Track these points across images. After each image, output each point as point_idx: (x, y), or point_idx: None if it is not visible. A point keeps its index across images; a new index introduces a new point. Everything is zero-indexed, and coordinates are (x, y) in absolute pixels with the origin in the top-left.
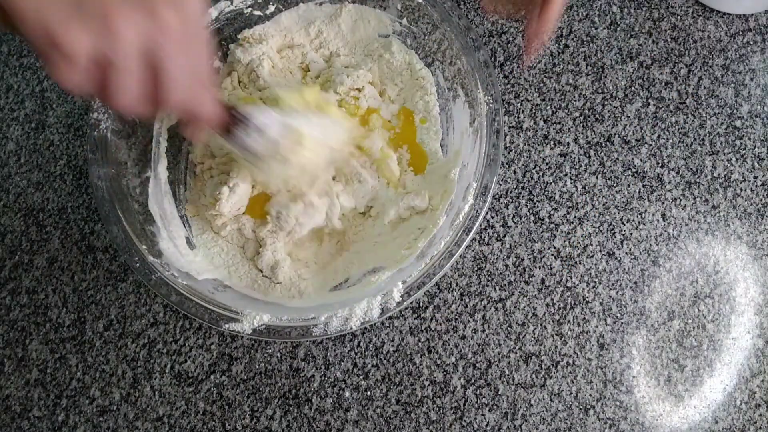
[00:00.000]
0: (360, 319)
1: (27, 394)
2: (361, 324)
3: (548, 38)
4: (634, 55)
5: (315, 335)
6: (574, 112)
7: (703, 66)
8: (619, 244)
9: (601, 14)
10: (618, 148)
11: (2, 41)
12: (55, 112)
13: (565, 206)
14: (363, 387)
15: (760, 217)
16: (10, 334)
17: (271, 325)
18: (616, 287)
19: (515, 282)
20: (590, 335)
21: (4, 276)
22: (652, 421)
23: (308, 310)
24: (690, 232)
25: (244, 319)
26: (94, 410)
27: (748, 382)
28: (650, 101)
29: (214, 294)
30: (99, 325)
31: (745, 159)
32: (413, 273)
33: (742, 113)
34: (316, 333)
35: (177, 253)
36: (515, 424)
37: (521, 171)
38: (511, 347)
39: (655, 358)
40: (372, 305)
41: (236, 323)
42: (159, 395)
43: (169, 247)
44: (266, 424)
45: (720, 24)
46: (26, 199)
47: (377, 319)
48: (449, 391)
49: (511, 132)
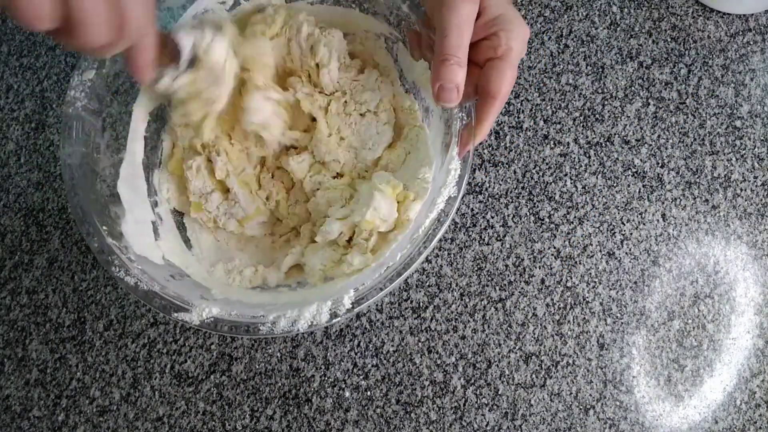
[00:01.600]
0: (308, 322)
1: (27, 394)
2: (308, 327)
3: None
4: (634, 55)
5: (262, 333)
6: (574, 112)
7: (703, 66)
8: (619, 244)
9: (601, 14)
10: (618, 148)
11: (2, 41)
12: (55, 112)
13: (565, 206)
14: (363, 387)
15: (760, 217)
16: (10, 334)
17: (219, 318)
18: (616, 287)
19: (515, 282)
20: (590, 335)
21: (4, 276)
22: (652, 421)
23: (258, 307)
24: (690, 232)
25: (193, 310)
26: (94, 410)
27: (748, 382)
28: (650, 101)
29: (169, 282)
30: (99, 325)
31: (745, 159)
32: (366, 282)
33: (742, 113)
34: (263, 331)
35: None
36: (515, 424)
37: (521, 171)
38: (511, 347)
39: (655, 358)
40: (321, 310)
41: (185, 313)
42: (159, 395)
43: (131, 229)
44: (266, 424)
45: (720, 24)
46: (26, 199)
47: (325, 324)
48: (449, 391)
49: (511, 132)
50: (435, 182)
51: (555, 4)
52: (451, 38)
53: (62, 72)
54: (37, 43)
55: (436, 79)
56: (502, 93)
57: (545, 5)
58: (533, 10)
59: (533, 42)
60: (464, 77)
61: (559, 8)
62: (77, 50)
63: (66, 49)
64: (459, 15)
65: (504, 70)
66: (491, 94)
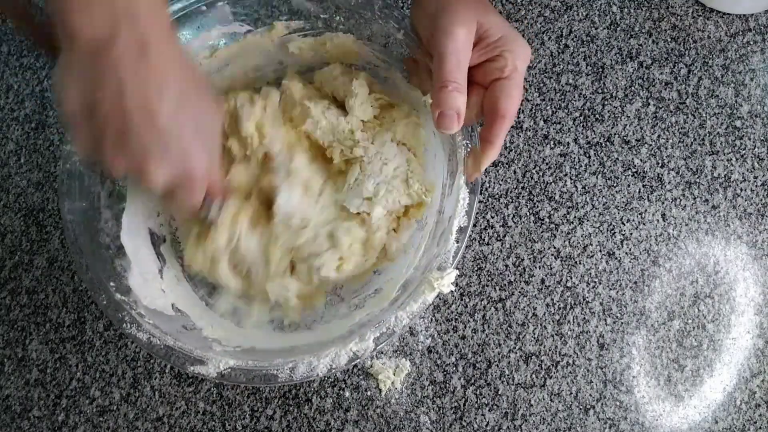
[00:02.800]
0: (327, 366)
1: (27, 394)
2: (327, 371)
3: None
4: (634, 55)
5: (281, 381)
6: (574, 112)
7: (703, 66)
8: (619, 244)
9: (601, 14)
10: (618, 148)
11: (2, 41)
12: (55, 112)
13: (565, 206)
14: (363, 387)
15: (760, 217)
16: (10, 334)
17: (236, 368)
18: (616, 287)
19: (515, 282)
20: (590, 335)
21: (4, 276)
22: (652, 421)
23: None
24: (690, 232)
25: (209, 362)
26: (94, 410)
27: (748, 382)
28: (650, 101)
29: (182, 334)
30: (99, 325)
31: (745, 159)
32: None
33: (742, 113)
34: (282, 379)
35: (147, 287)
36: (515, 424)
37: (521, 171)
38: (511, 347)
39: (655, 358)
40: (340, 353)
41: (202, 366)
42: (159, 395)
43: (138, 282)
44: (266, 424)
45: (720, 24)
46: (26, 199)
47: (344, 366)
48: (449, 391)
49: (511, 132)
50: (444, 213)
51: (555, 4)
52: (449, 64)
53: None
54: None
55: (436, 106)
56: (510, 112)
57: (545, 5)
58: (533, 10)
59: (533, 42)
60: (464, 102)
61: (559, 8)
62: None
63: None
64: (456, 40)
65: (511, 89)
66: (500, 113)
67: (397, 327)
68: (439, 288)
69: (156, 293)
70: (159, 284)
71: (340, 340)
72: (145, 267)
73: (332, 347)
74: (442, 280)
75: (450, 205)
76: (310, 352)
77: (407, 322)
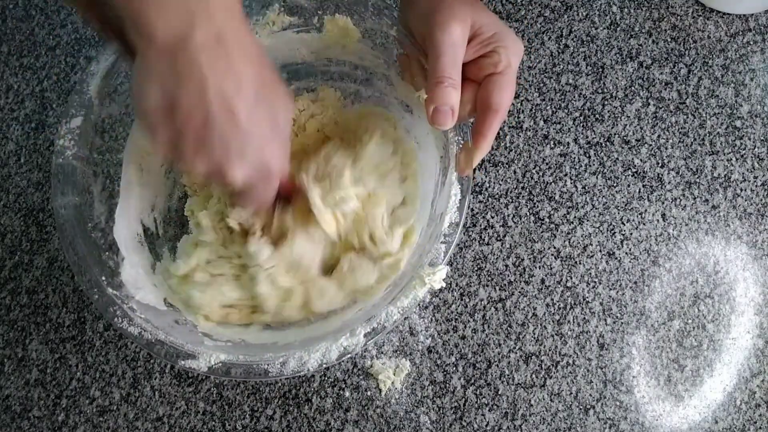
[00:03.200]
0: (317, 361)
1: (27, 394)
2: (318, 366)
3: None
4: (634, 55)
5: (271, 375)
6: (574, 112)
7: (703, 66)
8: (619, 244)
9: (601, 14)
10: (618, 148)
11: (2, 41)
12: (55, 112)
13: (565, 206)
14: (363, 387)
15: (760, 217)
16: (10, 334)
17: (227, 362)
18: (616, 287)
19: (515, 282)
20: (590, 335)
21: (4, 276)
22: (652, 421)
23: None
24: (690, 232)
25: (200, 357)
26: (94, 410)
27: (748, 382)
28: (650, 101)
29: (173, 328)
30: (99, 325)
31: (745, 159)
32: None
33: (742, 113)
34: (273, 373)
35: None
36: (515, 424)
37: (521, 171)
38: (511, 347)
39: (655, 358)
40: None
41: (192, 360)
42: (159, 395)
43: (131, 276)
44: (266, 424)
45: (720, 24)
46: (26, 199)
47: (336, 361)
48: (449, 391)
49: (511, 132)
50: (436, 209)
51: (555, 4)
52: (445, 60)
53: (62, 72)
54: (37, 43)
55: (431, 102)
56: (503, 106)
57: (545, 5)
58: (533, 10)
59: (533, 42)
60: (458, 99)
61: (559, 8)
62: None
63: None
64: (451, 36)
65: (505, 84)
66: (493, 107)
67: (388, 322)
68: (431, 284)
69: (148, 288)
70: (151, 279)
71: (330, 335)
72: (137, 262)
73: (323, 342)
74: (433, 276)
75: (442, 201)
76: (300, 348)
77: (398, 317)
